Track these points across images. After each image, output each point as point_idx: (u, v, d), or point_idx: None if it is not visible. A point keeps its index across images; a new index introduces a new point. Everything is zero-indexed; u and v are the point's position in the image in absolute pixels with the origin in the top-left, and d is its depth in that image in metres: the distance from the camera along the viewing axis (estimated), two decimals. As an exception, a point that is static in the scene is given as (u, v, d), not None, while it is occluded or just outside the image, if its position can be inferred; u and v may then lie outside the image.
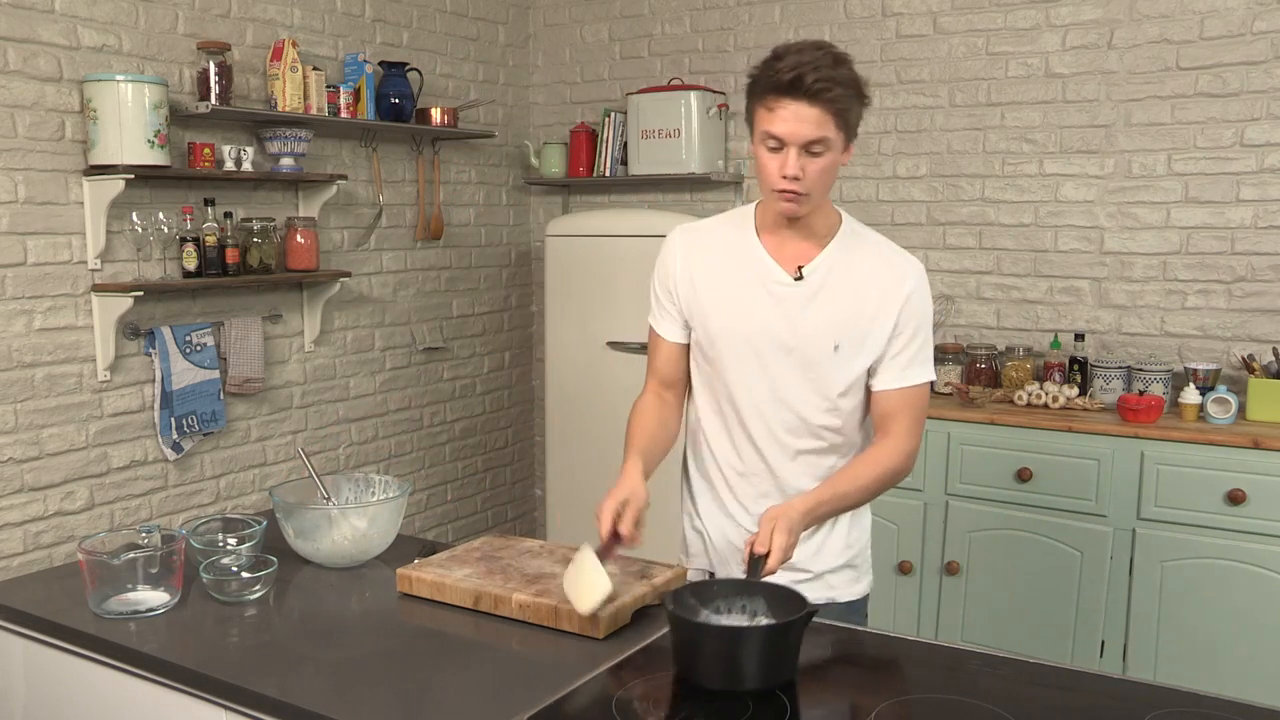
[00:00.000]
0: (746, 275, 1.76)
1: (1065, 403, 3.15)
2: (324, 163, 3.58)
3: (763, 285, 1.74)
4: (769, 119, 1.61)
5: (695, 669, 1.37)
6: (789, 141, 1.60)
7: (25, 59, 2.77)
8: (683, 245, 1.83)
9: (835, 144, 1.62)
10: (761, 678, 1.34)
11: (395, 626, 1.59)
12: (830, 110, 1.58)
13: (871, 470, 1.73)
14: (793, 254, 1.74)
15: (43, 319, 2.85)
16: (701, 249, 1.81)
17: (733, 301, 1.76)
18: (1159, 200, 3.28)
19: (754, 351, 1.75)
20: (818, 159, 1.62)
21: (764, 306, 1.74)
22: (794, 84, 1.57)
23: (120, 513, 3.07)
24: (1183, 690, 1.35)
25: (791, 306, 1.73)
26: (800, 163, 1.61)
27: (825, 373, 1.73)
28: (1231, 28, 3.13)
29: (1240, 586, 2.78)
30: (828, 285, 1.72)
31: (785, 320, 1.73)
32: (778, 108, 1.60)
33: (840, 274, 1.73)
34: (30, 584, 1.80)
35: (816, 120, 1.58)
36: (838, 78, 1.58)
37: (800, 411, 1.75)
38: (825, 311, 1.72)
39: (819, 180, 1.64)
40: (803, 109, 1.58)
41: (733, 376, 1.77)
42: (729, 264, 1.78)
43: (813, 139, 1.59)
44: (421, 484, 4.09)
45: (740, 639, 1.37)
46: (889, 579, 3.27)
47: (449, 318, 4.17)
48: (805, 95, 1.57)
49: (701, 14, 4.03)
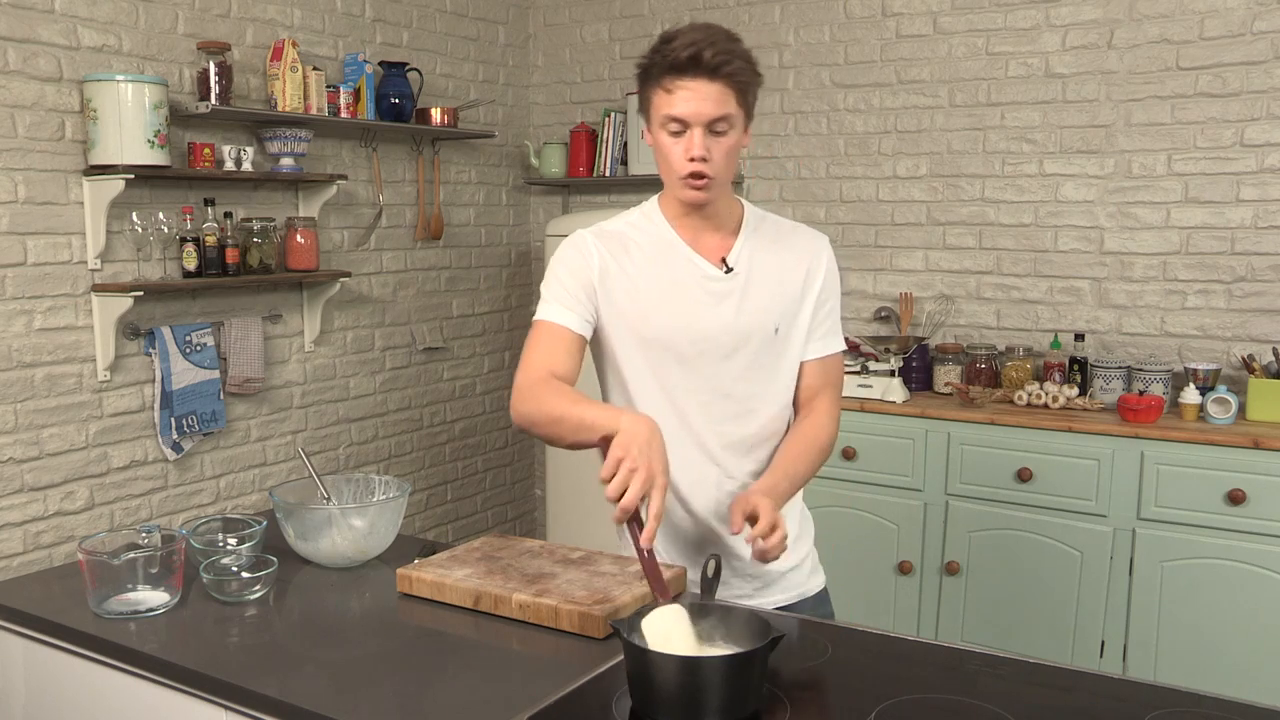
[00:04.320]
0: (676, 275, 1.70)
1: (1065, 403, 3.15)
2: (324, 163, 3.58)
3: (696, 283, 1.70)
4: (668, 101, 1.57)
5: (651, 701, 1.25)
6: (692, 122, 1.56)
7: (25, 59, 2.77)
8: (599, 249, 1.72)
9: (737, 122, 1.59)
10: (723, 711, 1.23)
11: (395, 626, 1.59)
12: (731, 86, 1.55)
13: (812, 447, 1.73)
14: (711, 246, 1.71)
15: (43, 319, 2.85)
16: (621, 252, 1.72)
17: (670, 303, 1.69)
18: (1159, 200, 3.28)
19: (698, 352, 1.69)
20: (722, 139, 1.58)
21: (703, 305, 1.69)
22: (693, 60, 1.53)
23: (120, 513, 3.07)
24: (1183, 690, 1.35)
25: (728, 300, 1.69)
26: (705, 143, 1.57)
27: (772, 358, 1.72)
28: (1231, 28, 3.13)
29: (1240, 586, 2.78)
30: (754, 271, 1.71)
31: (727, 314, 1.69)
32: (676, 88, 1.55)
33: (762, 258, 1.72)
34: (30, 584, 1.80)
35: (718, 97, 1.55)
36: (735, 51, 1.56)
37: (749, 403, 1.72)
38: (759, 299, 1.71)
39: (725, 162, 1.61)
40: (703, 86, 1.54)
41: (675, 379, 1.70)
42: (654, 265, 1.70)
43: (716, 117, 1.56)
44: (421, 484, 4.09)
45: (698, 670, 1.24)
46: (889, 579, 3.27)
47: (449, 318, 4.17)
48: (705, 72, 1.53)
49: (701, 14, 4.03)
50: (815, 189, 3.85)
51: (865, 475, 3.29)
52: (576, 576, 1.64)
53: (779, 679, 1.36)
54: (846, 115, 3.77)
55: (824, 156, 3.82)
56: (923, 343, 3.49)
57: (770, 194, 3.93)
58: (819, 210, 3.84)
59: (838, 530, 3.33)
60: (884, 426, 3.26)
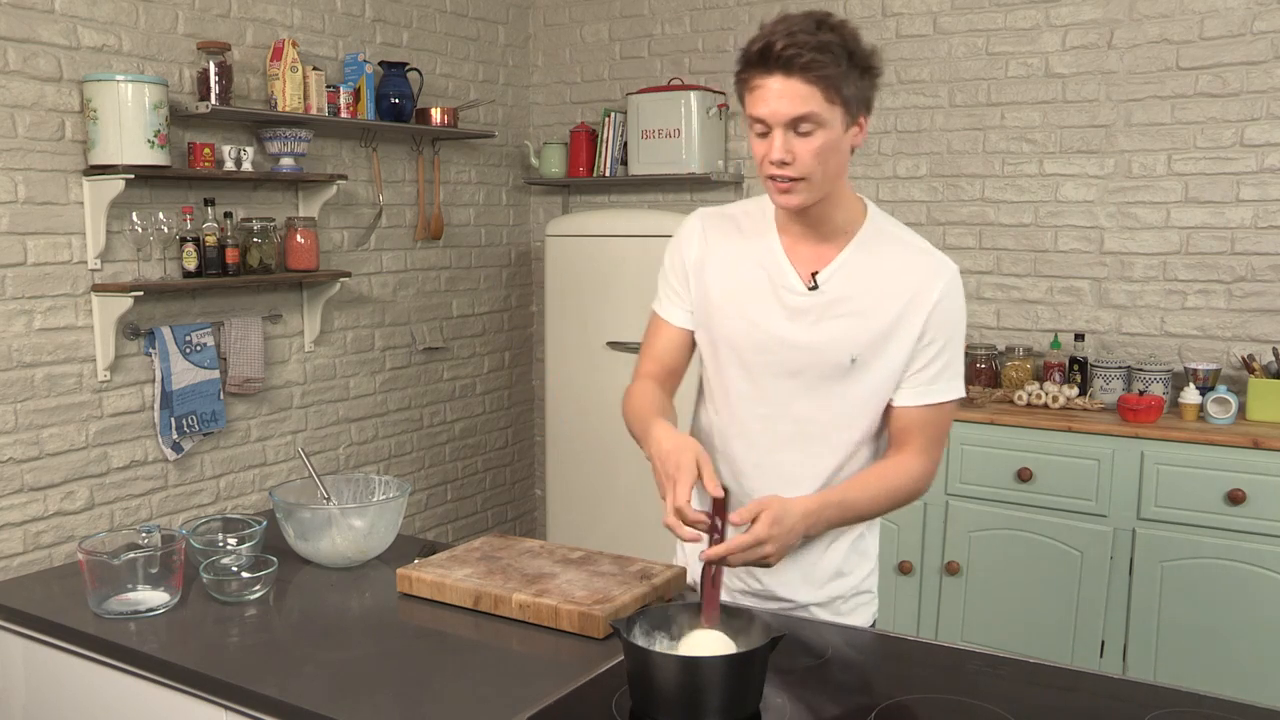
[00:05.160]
0: (759, 277, 1.59)
1: (1065, 403, 3.15)
2: (324, 163, 3.58)
3: (774, 292, 1.58)
4: (750, 100, 1.45)
5: (651, 701, 1.25)
6: (771, 122, 1.43)
7: (25, 59, 2.77)
8: (704, 229, 1.66)
9: (829, 120, 1.42)
10: (723, 711, 1.23)
11: (395, 626, 1.59)
12: (811, 80, 1.39)
13: (881, 483, 1.55)
14: (808, 256, 1.58)
15: (43, 319, 2.85)
16: (722, 237, 1.64)
17: (742, 307, 1.60)
18: (1159, 200, 3.28)
19: (762, 362, 1.59)
20: (808, 139, 1.43)
21: (775, 316, 1.58)
22: (763, 55, 1.41)
23: (120, 513, 3.07)
24: (1183, 690, 1.35)
25: (804, 319, 1.56)
26: (787, 144, 1.43)
27: (839, 389, 1.57)
28: (1231, 28, 3.13)
29: (1240, 586, 2.78)
30: (846, 292, 1.55)
31: (798, 332, 1.57)
32: (757, 86, 1.43)
33: (860, 278, 1.55)
34: (30, 584, 1.80)
35: (797, 94, 1.40)
36: (815, 43, 1.38)
37: (813, 429, 1.59)
38: (841, 324, 1.55)
39: (816, 164, 1.44)
40: (778, 82, 1.40)
41: (739, 386, 1.62)
42: (744, 262, 1.61)
43: (796, 116, 1.41)
44: (421, 484, 4.09)
45: (698, 670, 1.23)
46: (889, 579, 3.27)
47: (449, 318, 4.17)
48: (779, 67, 1.39)
49: (701, 14, 4.03)
50: (815, 189, 3.84)
51: (865, 475, 3.29)
52: (576, 576, 1.64)
53: (779, 679, 1.36)
54: (846, 115, 3.76)
55: (824, 156, 3.81)
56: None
57: (770, 194, 3.93)
58: (819, 210, 3.84)
59: (838, 530, 3.33)
60: (884, 426, 3.25)
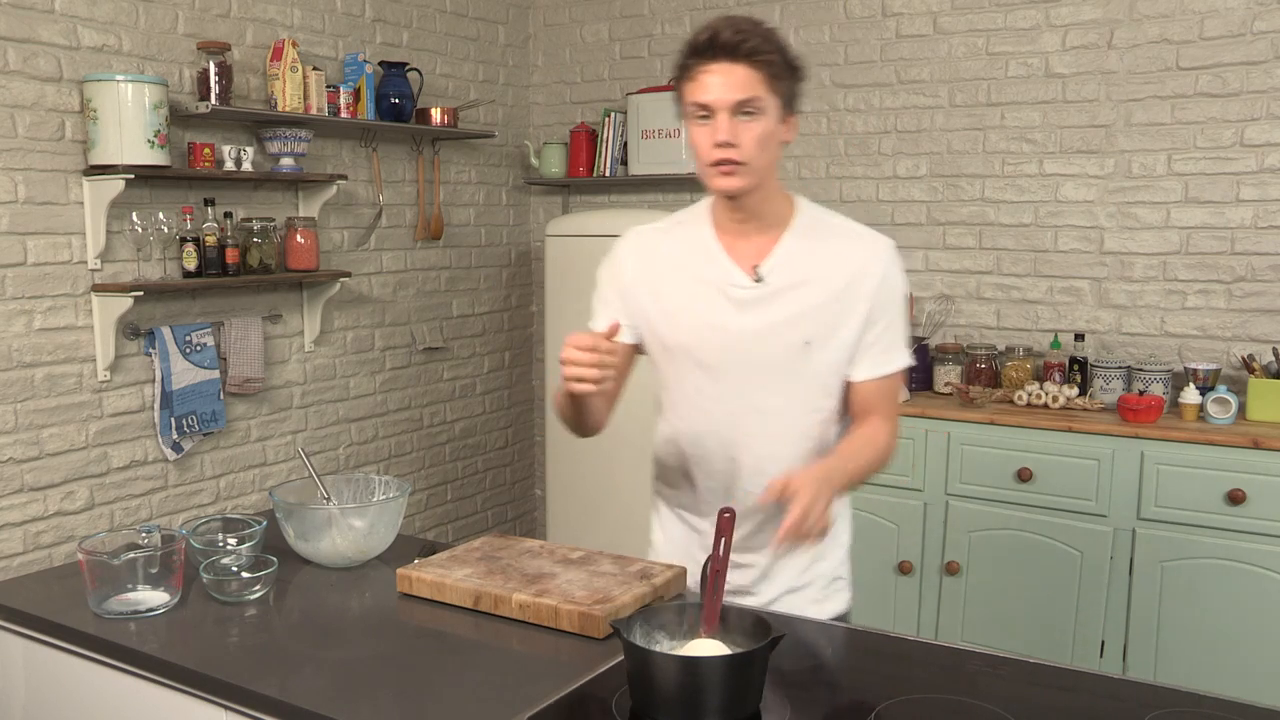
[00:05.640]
0: (702, 279, 1.65)
1: (1065, 403, 3.15)
2: (324, 163, 3.58)
3: (720, 290, 1.63)
4: (693, 89, 1.53)
5: (651, 701, 1.25)
6: (716, 106, 1.50)
7: (25, 59, 2.77)
8: (635, 249, 1.72)
9: (769, 108, 1.52)
10: (723, 711, 1.23)
11: (395, 626, 1.59)
12: (754, 66, 1.50)
13: (867, 448, 1.60)
14: (748, 251, 1.63)
15: (43, 319, 2.85)
16: (656, 253, 1.70)
17: (691, 311, 1.65)
18: (1159, 200, 3.28)
19: (720, 360, 1.64)
20: (751, 122, 1.51)
21: (725, 312, 1.63)
22: (711, 41, 1.50)
23: (120, 513, 3.07)
24: (1183, 690, 1.35)
25: (754, 311, 1.62)
26: (732, 127, 1.50)
27: (800, 375, 1.62)
28: (1231, 28, 3.13)
29: (1240, 586, 2.78)
30: (790, 279, 1.61)
31: (750, 323, 1.62)
32: (699, 74, 1.52)
33: (802, 264, 1.61)
34: (30, 584, 1.80)
35: (742, 78, 1.49)
36: (758, 33, 1.51)
37: (782, 418, 1.64)
38: (790, 310, 1.61)
39: (757, 149, 1.52)
40: (723, 66, 1.50)
41: (704, 387, 1.66)
42: (685, 270, 1.67)
43: (740, 99, 1.49)
44: (421, 484, 4.09)
45: (698, 670, 1.23)
46: (889, 579, 3.27)
47: (449, 318, 4.17)
48: (725, 52, 1.49)
49: (701, 14, 4.03)
50: (815, 189, 3.84)
51: (865, 475, 3.29)
52: (576, 576, 1.64)
53: (779, 679, 1.36)
54: (846, 115, 3.77)
55: (824, 156, 3.82)
56: (923, 343, 3.49)
57: (770, 194, 3.93)
58: (819, 210, 3.84)
59: (838, 530, 3.33)
60: (884, 426, 3.25)
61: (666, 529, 1.83)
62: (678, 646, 1.34)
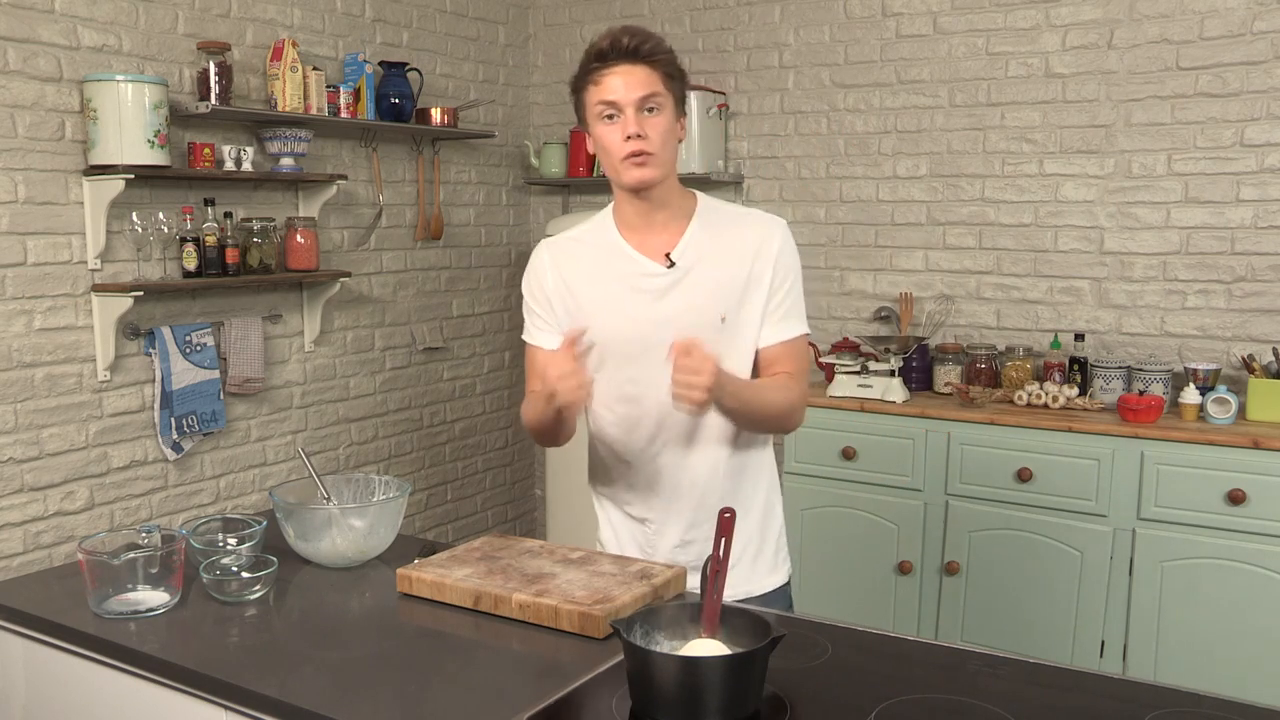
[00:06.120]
0: (617, 276, 1.76)
1: (1065, 403, 3.15)
2: (324, 163, 3.58)
3: (635, 281, 1.75)
4: (598, 90, 1.67)
5: (651, 701, 1.25)
6: (623, 103, 1.65)
7: (25, 59, 2.77)
8: (551, 259, 1.83)
9: (666, 105, 1.67)
10: (723, 711, 1.23)
11: (395, 626, 1.59)
12: (653, 66, 1.66)
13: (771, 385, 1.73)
14: (656, 244, 1.75)
15: (43, 319, 2.85)
16: (570, 259, 1.82)
17: (610, 306, 1.76)
18: (1159, 200, 3.28)
19: (645, 349, 1.72)
20: (655, 118, 1.66)
21: (643, 302, 1.74)
22: (613, 46, 1.65)
23: (120, 513, 3.07)
24: (1183, 690, 1.35)
25: (671, 294, 1.73)
26: (639, 121, 1.65)
27: (725, 348, 1.70)
28: (1231, 28, 3.13)
29: (1240, 586, 2.78)
30: (700, 261, 1.74)
31: (669, 308, 1.73)
32: (603, 76, 1.66)
33: (709, 246, 1.75)
34: (30, 584, 1.80)
35: (643, 77, 1.65)
36: (652, 37, 1.67)
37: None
38: (703, 288, 1.73)
39: (662, 141, 1.67)
40: (625, 68, 1.65)
41: (637, 376, 1.75)
42: (599, 269, 1.78)
43: (644, 94, 1.65)
44: (421, 484, 4.09)
45: (698, 670, 1.24)
46: (889, 579, 3.27)
47: (449, 318, 4.17)
48: (626, 55, 1.65)
49: (701, 14, 4.03)
50: (815, 189, 3.84)
51: (865, 475, 3.29)
52: (576, 576, 1.64)
53: (779, 679, 1.36)
54: (846, 115, 3.77)
55: (824, 156, 3.82)
56: (923, 343, 3.49)
57: (770, 194, 3.93)
58: (819, 210, 3.84)
59: (837, 530, 3.33)
60: (884, 426, 3.26)
61: (614, 525, 1.91)
62: (677, 647, 1.34)
